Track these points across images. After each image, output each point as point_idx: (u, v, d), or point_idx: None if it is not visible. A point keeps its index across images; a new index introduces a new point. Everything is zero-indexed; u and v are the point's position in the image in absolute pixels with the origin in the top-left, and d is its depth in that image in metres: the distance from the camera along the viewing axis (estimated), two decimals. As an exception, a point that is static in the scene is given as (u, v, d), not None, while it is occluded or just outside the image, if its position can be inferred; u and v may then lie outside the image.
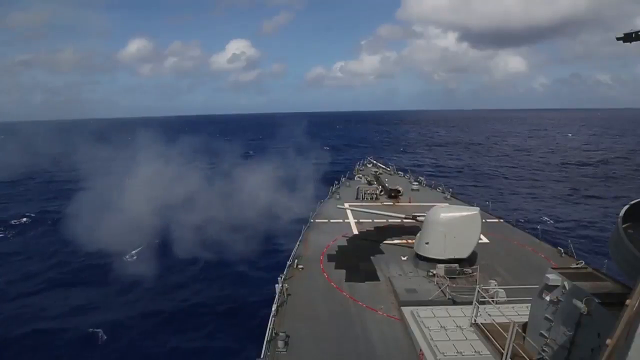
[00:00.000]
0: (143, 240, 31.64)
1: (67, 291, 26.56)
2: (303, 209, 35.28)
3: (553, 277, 9.41)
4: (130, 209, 35.77)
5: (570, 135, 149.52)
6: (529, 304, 10.59)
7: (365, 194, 30.96)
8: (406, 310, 13.54)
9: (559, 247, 19.76)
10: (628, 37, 6.23)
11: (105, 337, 20.77)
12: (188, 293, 25.62)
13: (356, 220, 24.74)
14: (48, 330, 21.67)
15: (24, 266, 30.82)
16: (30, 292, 26.45)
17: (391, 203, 29.36)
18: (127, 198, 38.02)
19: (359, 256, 19.21)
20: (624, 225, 8.12)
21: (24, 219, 42.49)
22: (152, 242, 31.91)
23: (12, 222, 41.64)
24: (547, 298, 9.58)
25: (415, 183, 34.73)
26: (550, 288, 9.52)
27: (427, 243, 17.25)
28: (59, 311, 23.79)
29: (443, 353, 10.89)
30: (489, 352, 10.82)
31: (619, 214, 8.30)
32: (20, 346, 20.40)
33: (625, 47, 6.68)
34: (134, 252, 30.69)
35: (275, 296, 14.57)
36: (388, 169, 44.05)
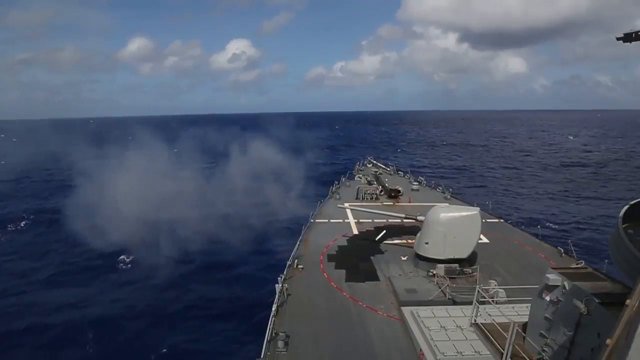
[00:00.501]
0: (141, 239, 31.58)
1: (63, 289, 26.56)
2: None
3: (553, 277, 9.41)
4: (129, 207, 35.76)
5: (570, 137, 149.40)
6: (529, 304, 10.59)
7: (365, 194, 30.96)
8: (406, 310, 13.53)
9: (559, 247, 19.75)
10: (628, 37, 6.23)
11: (103, 337, 20.76)
12: (187, 293, 25.59)
13: (356, 220, 24.74)
14: (42, 328, 21.69)
15: (20, 264, 30.82)
16: (26, 290, 26.47)
17: (391, 203, 29.34)
18: (125, 196, 37.99)
19: (359, 256, 19.19)
20: (624, 225, 8.11)
21: (22, 218, 42.45)
22: (150, 241, 31.86)
23: (9, 220, 41.60)
24: (547, 298, 9.58)
25: (415, 183, 34.73)
26: (550, 288, 9.52)
27: (427, 243, 17.23)
28: (55, 309, 23.79)
29: (443, 353, 10.89)
30: (489, 352, 10.81)
31: (619, 214, 8.30)
32: (15, 343, 20.43)
33: (625, 48, 6.69)
34: (132, 251, 30.62)
35: (275, 296, 14.56)
36: (388, 169, 44.03)
